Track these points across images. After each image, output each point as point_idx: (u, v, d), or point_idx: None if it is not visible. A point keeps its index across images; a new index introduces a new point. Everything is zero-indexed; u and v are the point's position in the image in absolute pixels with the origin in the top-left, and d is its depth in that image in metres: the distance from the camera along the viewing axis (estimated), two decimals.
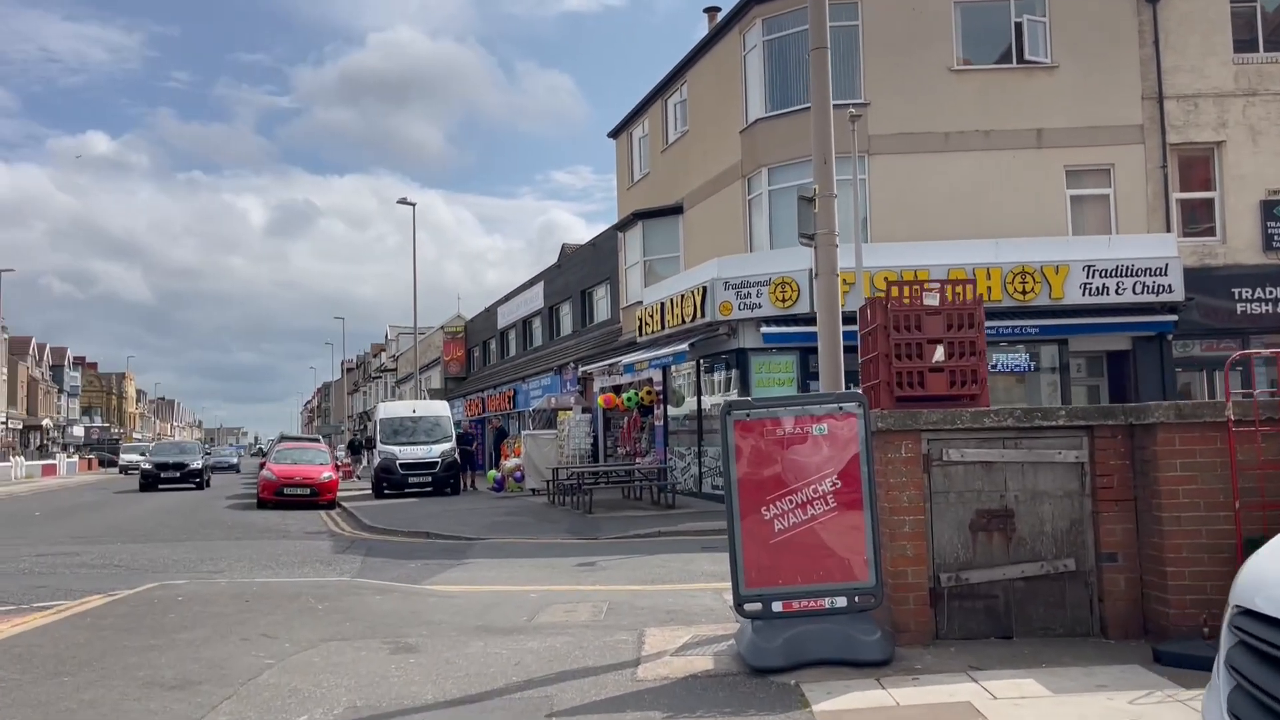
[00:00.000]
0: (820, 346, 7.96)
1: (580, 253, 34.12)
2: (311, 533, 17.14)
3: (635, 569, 11.61)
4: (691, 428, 21.23)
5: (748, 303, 18.39)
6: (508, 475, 25.57)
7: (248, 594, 8.87)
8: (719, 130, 22.30)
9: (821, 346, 7.90)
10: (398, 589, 9.57)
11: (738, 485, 6.24)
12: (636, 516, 17.76)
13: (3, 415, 70.59)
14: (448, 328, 56.28)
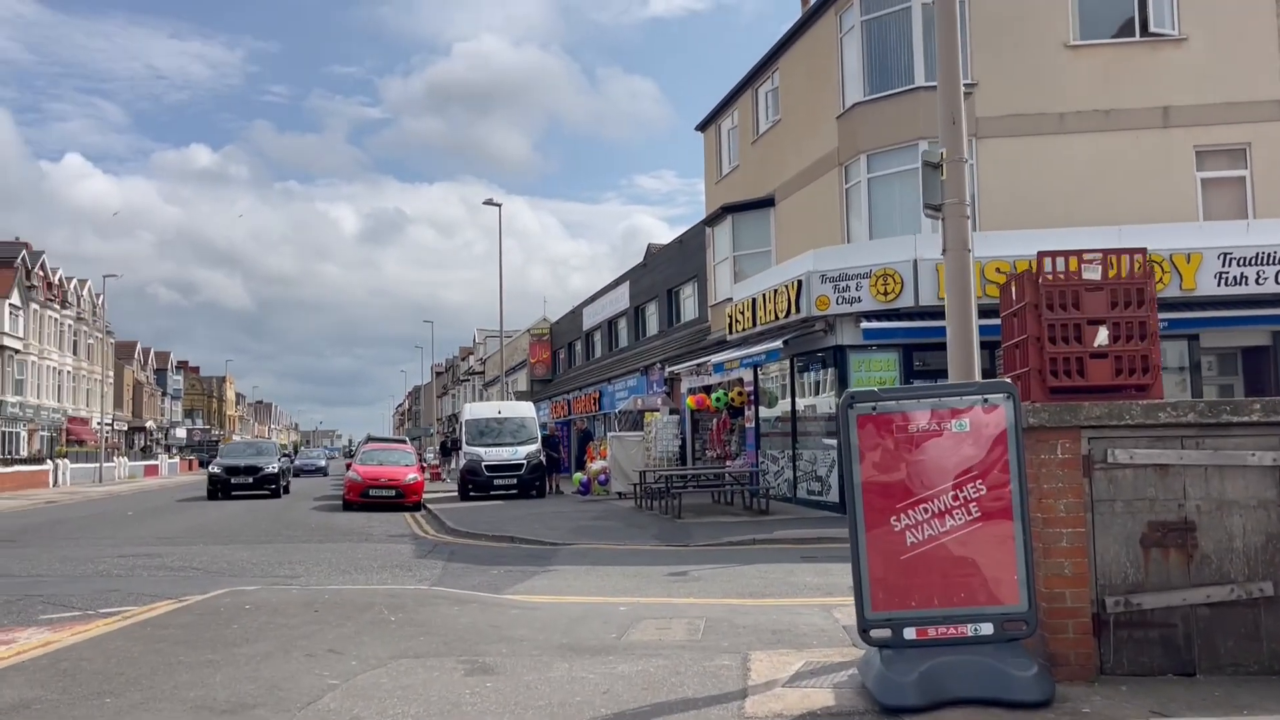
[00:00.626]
0: (950, 332, 6.98)
1: (666, 251, 33.36)
2: (394, 536, 16.70)
3: (731, 580, 10.75)
4: (785, 430, 20.22)
5: (846, 297, 17.33)
6: (593, 478, 24.91)
7: (318, 603, 8.28)
8: (813, 118, 21.27)
9: (951, 332, 6.91)
10: (477, 599, 8.88)
11: (861, 491, 5.33)
12: (728, 523, 16.87)
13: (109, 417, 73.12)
14: (533, 330, 56.17)
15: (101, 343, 72.54)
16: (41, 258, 60.08)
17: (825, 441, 18.42)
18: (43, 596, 9.47)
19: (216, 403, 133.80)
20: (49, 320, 60.04)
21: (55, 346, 61.39)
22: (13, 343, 52.78)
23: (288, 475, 32.47)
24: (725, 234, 24.26)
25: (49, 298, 60.08)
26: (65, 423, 61.83)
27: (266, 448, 31.36)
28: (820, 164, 20.81)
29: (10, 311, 52.36)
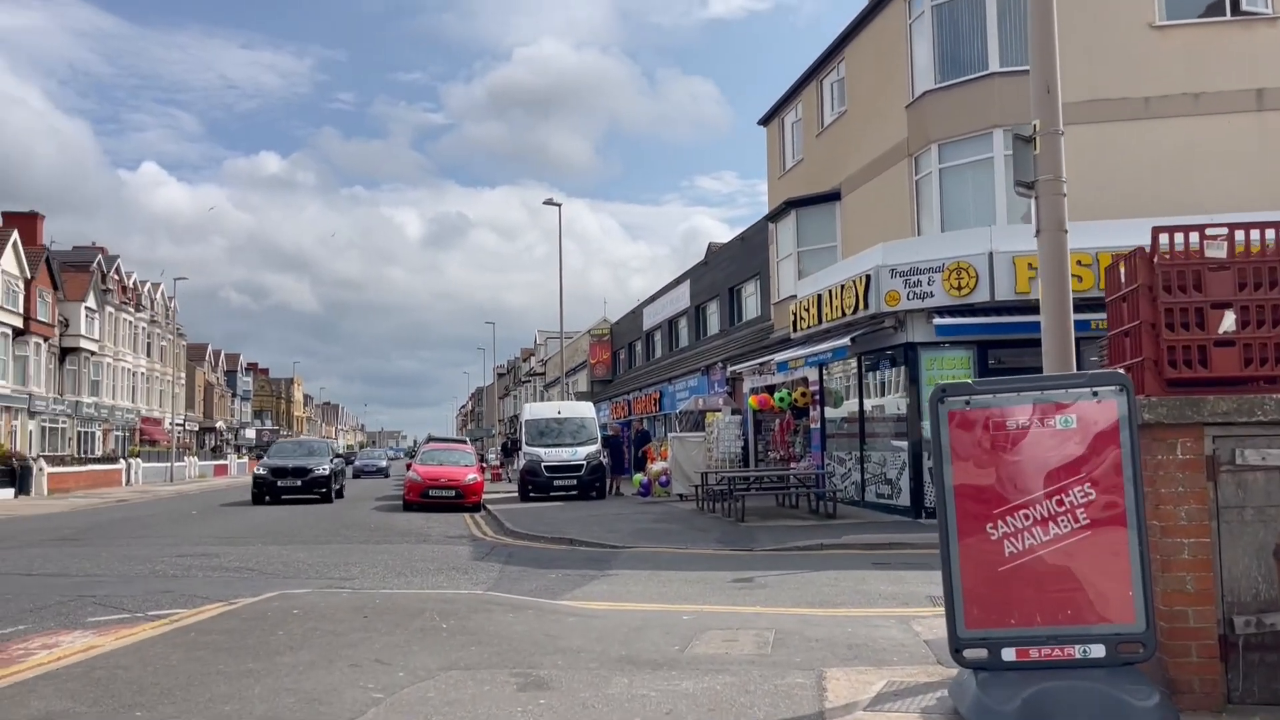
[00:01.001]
0: (1045, 322, 6.37)
1: (728, 249, 32.80)
2: (452, 537, 16.43)
3: (800, 588, 10.20)
4: (852, 430, 19.55)
5: (917, 292, 16.62)
6: (654, 480, 24.46)
7: (368, 608, 7.95)
8: (881, 108, 20.56)
9: (1047, 321, 6.31)
10: (533, 606, 8.47)
11: (954, 495, 4.78)
12: (794, 526, 16.28)
13: (181, 417, 74.76)
14: (594, 331, 55.97)
15: (173, 345, 74.24)
16: (116, 262, 61.58)
17: (894, 443, 17.73)
18: (95, 597, 9.31)
19: (285, 404, 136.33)
20: (123, 323, 61.50)
21: (129, 348, 62.86)
22: (89, 345, 54.11)
23: (341, 478, 29.21)
24: (789, 229, 23.63)
25: (123, 301, 61.54)
26: (139, 423, 63.29)
27: (318, 448, 28.63)
28: (889, 155, 20.09)
29: (86, 315, 53.69)
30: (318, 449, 28.21)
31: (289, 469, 25.28)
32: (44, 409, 47.59)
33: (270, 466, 25.69)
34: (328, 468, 25.70)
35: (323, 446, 28.99)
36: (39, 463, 34.89)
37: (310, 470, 25.25)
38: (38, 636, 7.29)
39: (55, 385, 50.50)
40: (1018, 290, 15.97)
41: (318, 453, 27.32)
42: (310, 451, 27.58)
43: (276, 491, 25.00)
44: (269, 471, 25.37)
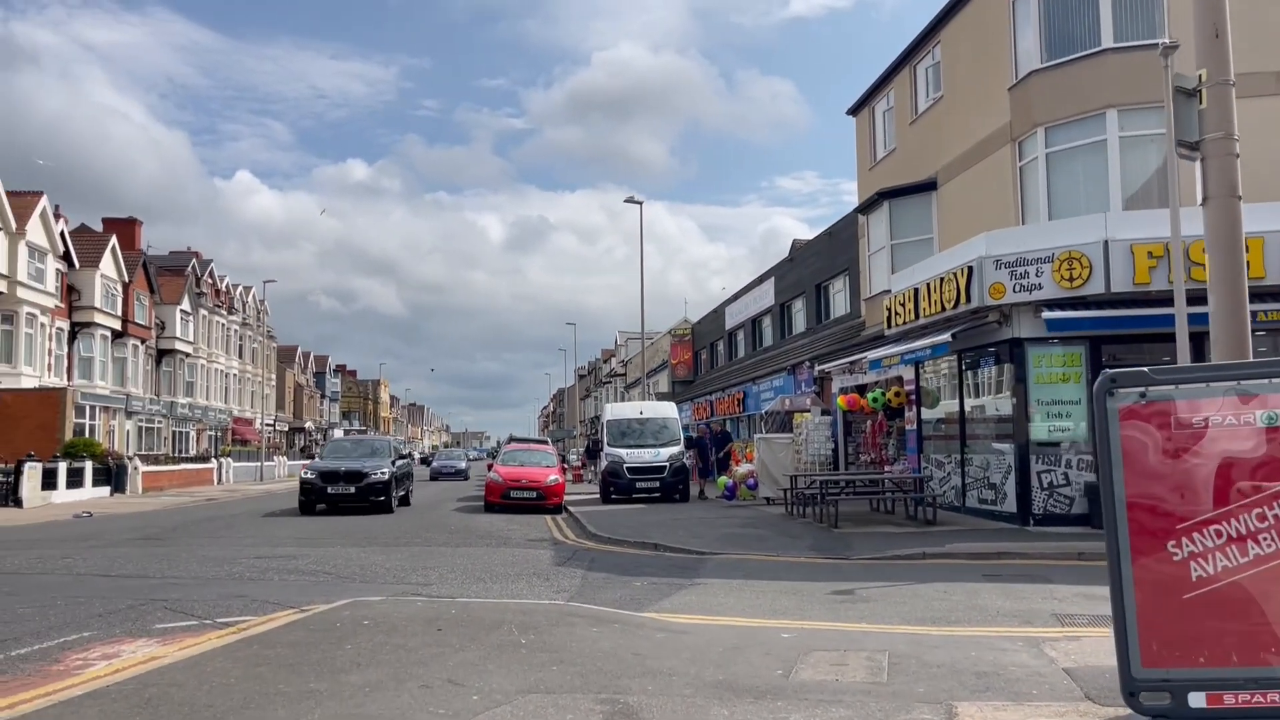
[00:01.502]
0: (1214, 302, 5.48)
1: (814, 244, 31.81)
2: (533, 540, 15.93)
3: (906, 602, 9.37)
4: (951, 432, 18.50)
5: (1024, 284, 15.54)
6: (739, 482, 23.66)
7: (443, 619, 7.41)
8: (981, 91, 19.45)
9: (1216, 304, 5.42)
10: (618, 620, 7.83)
11: (1126, 507, 3.98)
12: (892, 534, 15.35)
13: (271, 417, 76.48)
14: (675, 331, 55.32)
15: (264, 347, 75.98)
16: (210, 266, 63.16)
17: (998, 445, 16.66)
18: (167, 602, 8.99)
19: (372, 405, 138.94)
20: (216, 325, 63.03)
21: (222, 350, 64.41)
22: (184, 346, 55.50)
23: (407, 482, 24.88)
24: (881, 222, 22.61)
25: (216, 304, 63.09)
26: (230, 423, 64.78)
27: (379, 447, 24.43)
28: (989, 141, 18.98)
29: (181, 317, 55.09)
30: (378, 449, 24.05)
31: (340, 473, 21.54)
32: (141, 409, 48.90)
33: (319, 470, 21.98)
34: (387, 471, 21.91)
35: (384, 445, 24.66)
36: (134, 462, 35.70)
37: (365, 475, 21.53)
38: (100, 645, 6.93)
39: (152, 386, 51.90)
40: (1136, 281, 14.80)
41: (378, 453, 23.43)
42: (371, 451, 23.67)
43: (327, 499, 21.48)
44: (318, 476, 21.71)
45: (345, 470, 21.61)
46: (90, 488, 30.98)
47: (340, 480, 21.45)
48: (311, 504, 21.59)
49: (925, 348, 17.04)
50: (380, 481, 21.59)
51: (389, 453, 23.57)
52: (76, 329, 43.26)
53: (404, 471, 24.30)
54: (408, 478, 24.95)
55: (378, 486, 21.54)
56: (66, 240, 42.14)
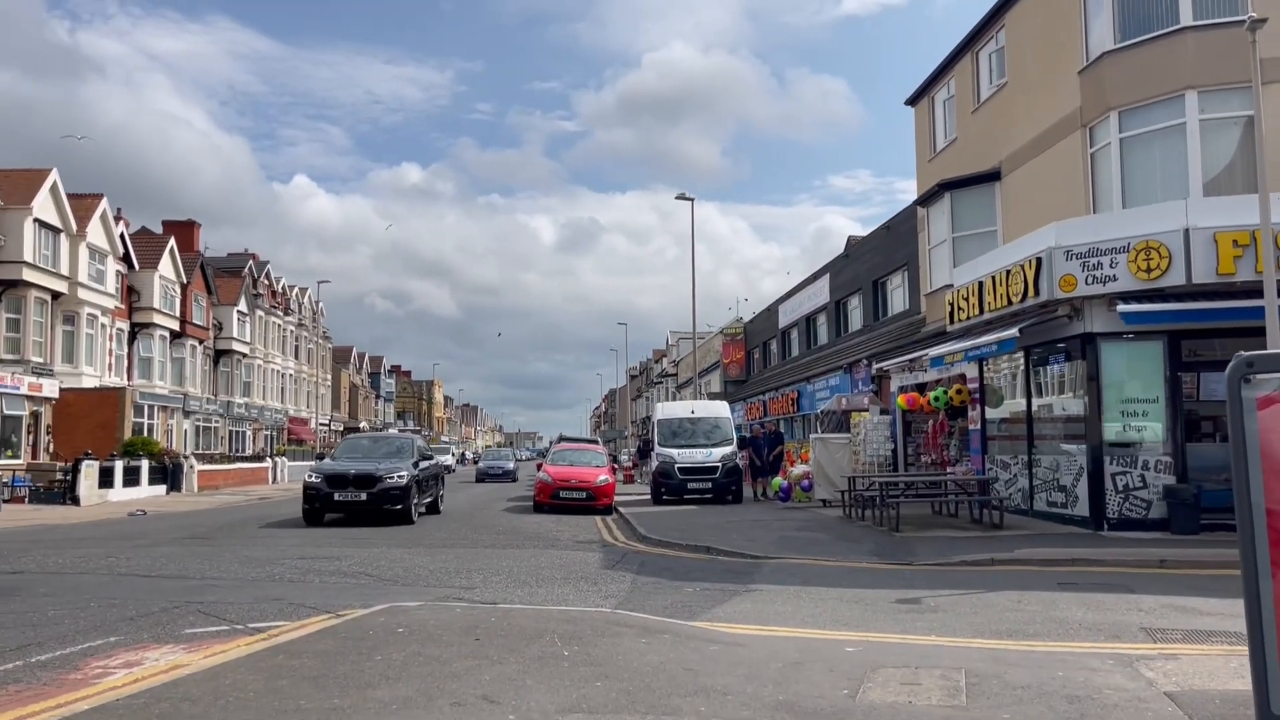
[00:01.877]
0: None
1: (871, 239, 30.99)
2: (582, 542, 15.49)
3: (978, 613, 8.73)
4: (1017, 432, 17.69)
5: (1097, 275, 14.73)
6: (795, 483, 23.00)
7: (481, 627, 6.97)
8: (1048, 76, 18.60)
9: None
10: (668, 630, 7.32)
11: (1265, 515, 3.37)
12: (956, 538, 14.64)
13: (326, 417, 77.27)
14: (727, 330, 54.64)
15: (320, 347, 76.83)
16: (266, 267, 63.95)
17: (1068, 446, 15.86)
18: (202, 604, 8.69)
19: (426, 405, 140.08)
20: (273, 326, 63.77)
21: (278, 350, 65.16)
22: (240, 347, 56.19)
23: (434, 487, 21.47)
24: (942, 214, 21.81)
25: (273, 305, 63.84)
26: (286, 422, 65.52)
27: (401, 446, 21.02)
28: (1058, 127, 18.13)
29: (238, 318, 55.78)
30: (400, 448, 20.67)
31: (350, 476, 18.21)
32: (198, 409, 49.55)
33: (326, 473, 18.64)
34: (406, 475, 18.49)
35: (406, 444, 21.23)
36: (189, 460, 36.04)
37: (380, 479, 18.17)
38: (124, 652, 6.61)
39: (209, 386, 52.60)
40: (1220, 271, 13.93)
41: (399, 453, 20.10)
42: (391, 451, 20.28)
43: (334, 506, 18.35)
44: (323, 480, 18.39)
45: (355, 473, 18.25)
46: (146, 486, 31.28)
47: (349, 485, 18.13)
48: (317, 513, 18.40)
49: (991, 343, 16.26)
50: (397, 487, 18.23)
51: (411, 453, 20.22)
52: (136, 329, 43.92)
53: (430, 474, 20.91)
54: (435, 481, 21.67)
55: (394, 492, 18.18)
56: (126, 242, 42.79)
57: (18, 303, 34.07)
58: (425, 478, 20.18)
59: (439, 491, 21.98)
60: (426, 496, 20.41)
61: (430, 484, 20.87)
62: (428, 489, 20.52)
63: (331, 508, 18.36)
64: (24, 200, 34.24)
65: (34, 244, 34.42)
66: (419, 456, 20.31)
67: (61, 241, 36.53)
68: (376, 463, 18.91)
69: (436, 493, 21.58)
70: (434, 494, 21.32)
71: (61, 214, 36.44)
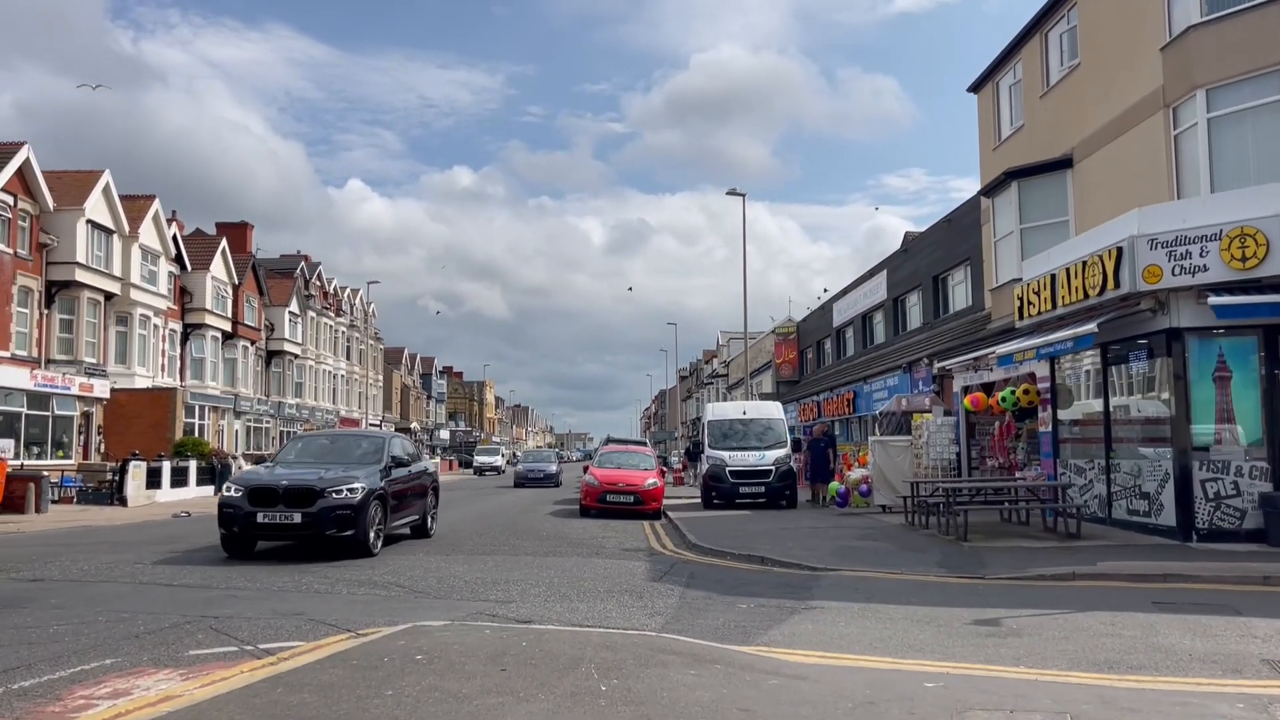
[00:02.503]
0: None
1: (931, 234, 29.81)
2: (628, 550, 14.72)
3: (1068, 638, 7.78)
4: (1093, 435, 16.54)
5: (1185, 265, 13.59)
6: (852, 488, 22.00)
7: (510, 654, 6.21)
8: (1125, 54, 17.42)
9: None
10: (720, 658, 6.50)
11: None
12: (1031, 549, 13.60)
13: (378, 418, 77.55)
14: (779, 330, 53.56)
15: (372, 348, 77.14)
16: (318, 269, 64.22)
17: (1151, 450, 14.72)
18: (216, 620, 8.06)
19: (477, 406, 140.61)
20: (324, 327, 64.06)
21: (330, 351, 65.44)
22: (292, 348, 56.40)
23: (416, 504, 15.57)
24: (1009, 204, 20.65)
25: (324, 306, 64.12)
26: (337, 423, 65.75)
27: (367, 448, 15.00)
28: (1137, 109, 16.95)
29: (290, 319, 56.00)
30: (364, 451, 14.77)
31: (279, 491, 12.77)
32: (249, 409, 49.75)
33: (250, 485, 13.07)
34: (360, 488, 13.01)
35: (377, 444, 15.12)
36: (238, 461, 35.99)
37: (320, 493, 12.71)
38: (115, 678, 5.96)
39: (261, 386, 52.84)
40: None
41: (364, 456, 14.49)
42: (350, 455, 14.59)
43: (257, 532, 12.89)
44: (246, 495, 12.86)
45: (288, 486, 12.80)
46: (194, 487, 31.19)
47: (279, 502, 12.68)
48: (240, 541, 13.06)
49: (1066, 340, 15.16)
50: (345, 506, 12.68)
51: (379, 457, 14.47)
52: (189, 330, 44.16)
53: (410, 486, 15.15)
54: (420, 496, 15.77)
55: (340, 514, 12.63)
56: (179, 243, 43.03)
57: (71, 304, 34.29)
58: (400, 491, 14.63)
59: (428, 508, 16.24)
60: (404, 515, 14.99)
61: (410, 499, 15.20)
62: (407, 506, 15.01)
63: (256, 533, 12.87)
64: (76, 201, 34.46)
65: (86, 245, 34.60)
66: (391, 462, 14.53)
67: (114, 242, 36.73)
68: (322, 471, 13.48)
69: (424, 510, 16.01)
70: (420, 511, 15.77)
71: (114, 215, 36.64)
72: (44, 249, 33.12)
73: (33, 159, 31.96)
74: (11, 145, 31.85)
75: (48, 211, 33.14)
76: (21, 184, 31.83)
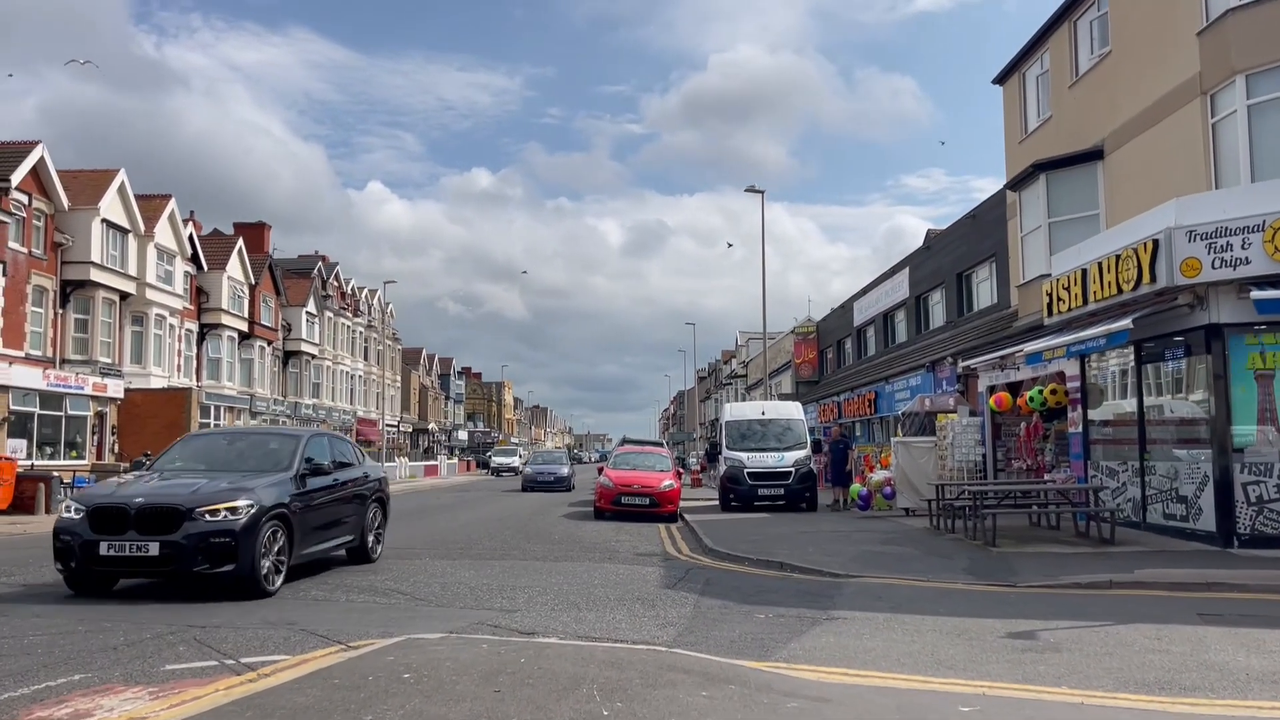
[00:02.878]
0: None
1: (955, 230, 29.15)
2: (642, 554, 14.22)
3: (1112, 653, 7.22)
4: (1125, 435, 15.90)
5: (1226, 258, 12.94)
6: (875, 490, 21.40)
7: (506, 672, 5.72)
8: (1159, 41, 16.77)
9: None
10: (735, 676, 5.99)
11: None
12: (1063, 555, 13.01)
13: (396, 419, 77.39)
14: (798, 329, 52.88)
15: (390, 349, 76.97)
16: (335, 269, 64.06)
17: (1188, 452, 14.08)
18: (202, 630, 7.63)
19: (496, 406, 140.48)
20: (342, 327, 63.90)
21: (347, 351, 65.28)
22: (309, 348, 56.24)
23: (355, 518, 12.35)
24: (1037, 198, 20.00)
25: (342, 306, 63.95)
26: (355, 423, 65.56)
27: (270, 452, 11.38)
28: (1172, 97, 16.30)
29: (307, 319, 55.84)
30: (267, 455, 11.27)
31: (130, 512, 9.55)
32: (265, 409, 49.54)
33: (93, 504, 9.83)
34: (247, 505, 9.77)
35: (283, 447, 11.45)
36: None
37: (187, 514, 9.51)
38: (79, 697, 5.52)
39: (278, 387, 52.68)
40: None
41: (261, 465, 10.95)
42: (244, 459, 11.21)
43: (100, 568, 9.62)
44: (88, 518, 9.67)
45: (143, 506, 9.55)
46: None
47: (129, 528, 9.46)
48: (80, 578, 9.80)
49: (1099, 336, 14.54)
50: (222, 531, 9.47)
51: (288, 462, 10.91)
52: (205, 330, 44.01)
53: (331, 500, 11.52)
54: (348, 511, 12.04)
55: (214, 542, 9.44)
56: (195, 243, 42.86)
57: (85, 303, 34.13)
58: (321, 505, 11.10)
59: (368, 525, 12.57)
60: (328, 537, 11.42)
61: (338, 516, 11.67)
62: (332, 524, 11.47)
63: (101, 568, 9.54)
64: (91, 200, 34.30)
65: (101, 244, 34.44)
66: (305, 468, 10.94)
67: (129, 242, 36.57)
68: (204, 481, 10.06)
69: (362, 527, 12.36)
70: (354, 530, 12.15)
71: (129, 214, 36.48)
72: (59, 248, 32.97)
73: (47, 158, 31.81)
74: (26, 144, 31.71)
75: (62, 211, 32.99)
76: (36, 183, 31.68)
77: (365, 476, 12.86)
